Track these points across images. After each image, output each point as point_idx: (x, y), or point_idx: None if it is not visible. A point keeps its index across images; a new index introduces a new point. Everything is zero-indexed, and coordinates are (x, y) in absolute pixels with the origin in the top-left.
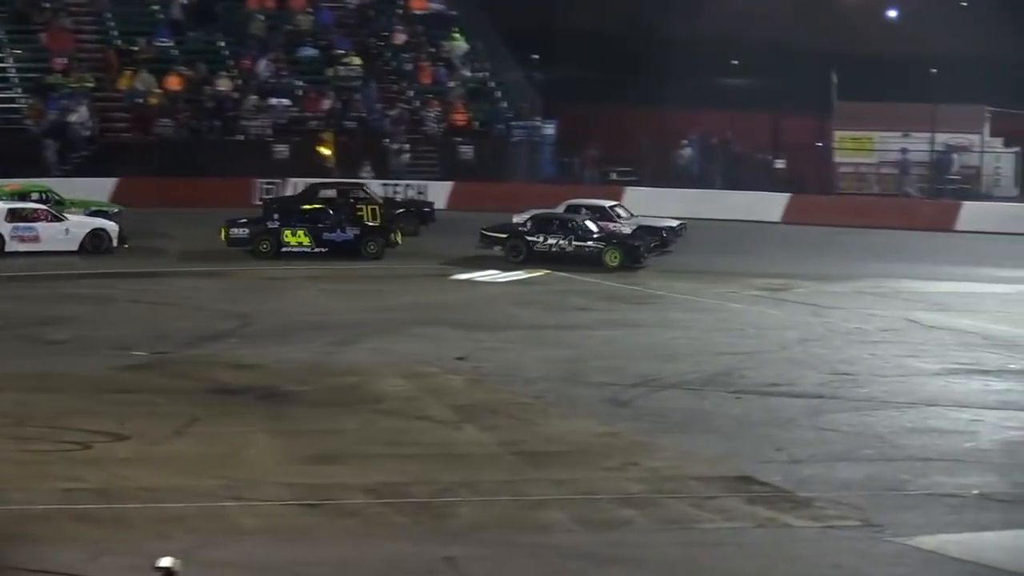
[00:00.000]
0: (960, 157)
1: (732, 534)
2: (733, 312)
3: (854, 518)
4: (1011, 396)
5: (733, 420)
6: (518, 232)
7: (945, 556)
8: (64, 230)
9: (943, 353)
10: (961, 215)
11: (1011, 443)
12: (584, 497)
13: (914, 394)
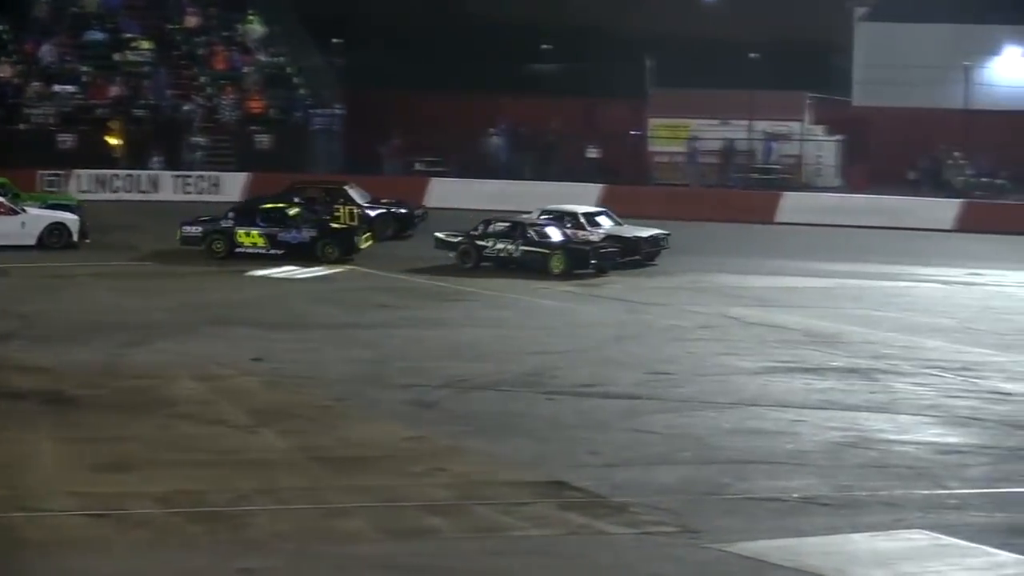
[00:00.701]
0: (780, 146)
1: (544, 542)
2: (544, 309)
3: (671, 524)
4: (833, 395)
5: (545, 422)
6: (469, 237)
7: (766, 562)
8: (20, 224)
9: (763, 351)
10: (782, 206)
11: (833, 444)
12: (388, 505)
13: (733, 394)
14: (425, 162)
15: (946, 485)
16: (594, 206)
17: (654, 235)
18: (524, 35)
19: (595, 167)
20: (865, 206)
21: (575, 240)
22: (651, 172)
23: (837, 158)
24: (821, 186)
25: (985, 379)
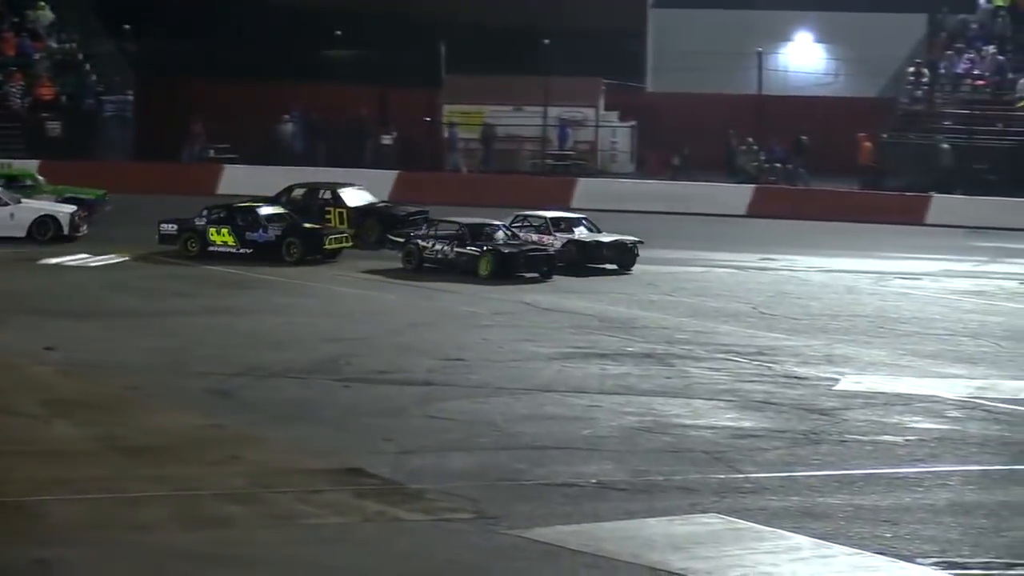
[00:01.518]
0: (575, 132)
1: (340, 529)
2: (341, 297)
3: (468, 510)
4: (628, 380)
5: (341, 410)
6: (413, 238)
7: (562, 548)
8: (9, 215)
9: (559, 337)
10: (577, 192)
11: (629, 429)
12: (185, 493)
13: (529, 380)
14: (218, 149)
15: (741, 469)
16: (568, 212)
17: (619, 241)
18: (318, 22)
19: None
20: (659, 192)
21: (506, 244)
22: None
23: (631, 144)
24: (615, 172)
25: (779, 363)
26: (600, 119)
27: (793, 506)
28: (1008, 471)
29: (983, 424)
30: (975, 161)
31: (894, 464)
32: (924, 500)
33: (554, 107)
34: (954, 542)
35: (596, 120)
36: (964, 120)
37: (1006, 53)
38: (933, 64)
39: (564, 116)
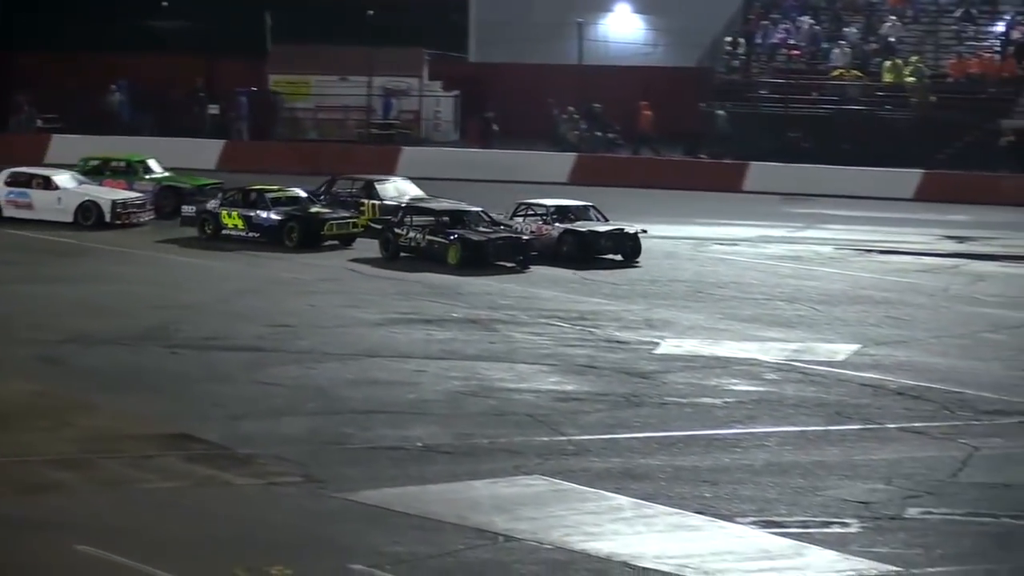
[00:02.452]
0: (399, 102)
1: (171, 494)
2: (169, 264)
3: (296, 474)
4: (454, 345)
5: (169, 376)
6: (389, 225)
7: (390, 510)
8: (57, 199)
9: (384, 303)
10: (401, 160)
11: (454, 393)
12: (15, 460)
13: (356, 345)
14: (46, 119)
15: (564, 432)
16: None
17: (618, 230)
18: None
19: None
20: (482, 160)
21: (476, 232)
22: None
23: (454, 113)
24: (439, 140)
25: (600, 328)
26: (423, 89)
27: (615, 467)
28: (823, 431)
29: (799, 386)
30: (791, 129)
31: (713, 426)
32: (742, 460)
33: (379, 77)
34: (772, 501)
35: (420, 90)
36: (779, 89)
37: (821, 23)
38: (749, 35)
39: (388, 86)
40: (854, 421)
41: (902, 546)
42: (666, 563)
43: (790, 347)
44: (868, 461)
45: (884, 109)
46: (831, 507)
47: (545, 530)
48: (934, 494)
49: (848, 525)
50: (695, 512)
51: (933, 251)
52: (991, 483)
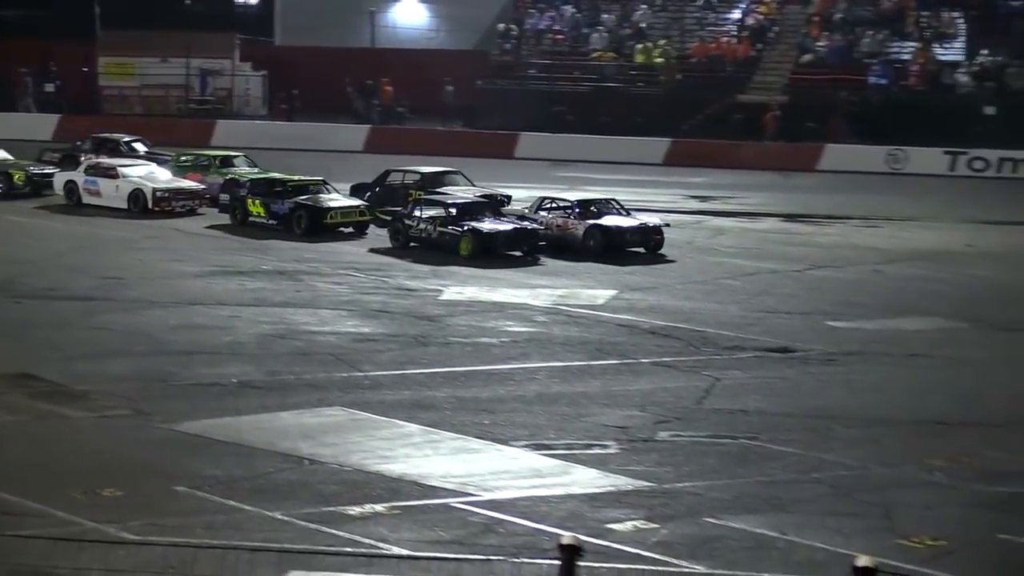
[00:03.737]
0: (214, 80)
1: (14, 427)
2: (10, 224)
3: (125, 408)
4: (263, 294)
5: (13, 323)
6: (400, 215)
7: (208, 439)
8: (115, 187)
9: (204, 257)
10: (216, 132)
11: (264, 336)
12: None
13: (178, 295)
14: None
15: (361, 368)
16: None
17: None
18: None
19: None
20: (287, 132)
21: (487, 224)
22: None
23: (263, 91)
24: (249, 114)
25: (392, 278)
26: (235, 69)
27: (406, 399)
28: (586, 366)
29: (565, 327)
30: (556, 104)
31: (491, 362)
32: (516, 392)
33: (195, 59)
34: (542, 427)
35: (232, 70)
36: (546, 69)
37: (581, 11)
38: (520, 21)
39: (204, 67)
40: (612, 357)
41: (654, 464)
42: (450, 481)
43: (557, 293)
44: (624, 391)
45: (636, 86)
46: (593, 431)
47: (345, 454)
48: (682, 419)
49: (608, 447)
50: (476, 437)
51: (679, 208)
52: (730, 409)
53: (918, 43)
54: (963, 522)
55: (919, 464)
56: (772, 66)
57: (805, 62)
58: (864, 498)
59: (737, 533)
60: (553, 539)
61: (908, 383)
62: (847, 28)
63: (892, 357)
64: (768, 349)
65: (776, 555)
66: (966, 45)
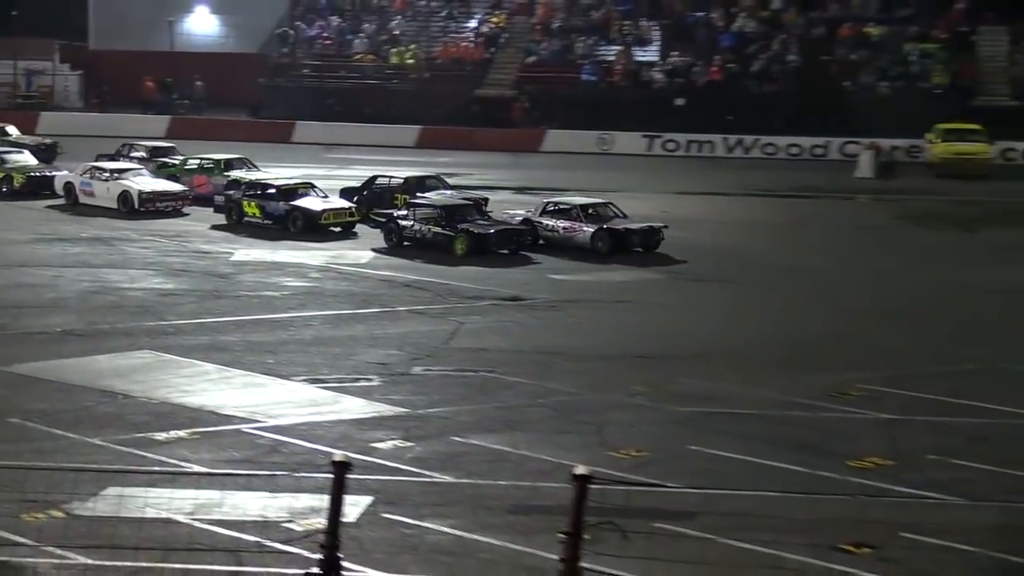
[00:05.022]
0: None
1: None
2: None
3: None
4: (83, 257)
5: None
6: (393, 218)
7: (37, 378)
8: (107, 189)
9: (31, 227)
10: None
11: (84, 292)
12: None
13: (8, 258)
14: None
15: (165, 318)
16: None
17: (648, 227)
18: None
19: None
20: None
21: (478, 225)
22: None
23: (79, 87)
24: (68, 107)
25: (191, 243)
26: (56, 69)
27: (203, 343)
28: (353, 314)
29: (335, 282)
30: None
31: (274, 311)
32: (295, 336)
33: (22, 60)
34: (317, 365)
35: (53, 70)
36: (317, 69)
37: (346, 21)
38: (295, 28)
39: (30, 67)
40: (375, 306)
41: (410, 394)
42: (242, 411)
43: (328, 254)
44: (385, 334)
45: (392, 82)
46: (359, 368)
47: (152, 390)
48: (432, 356)
49: (372, 380)
50: (262, 374)
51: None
52: (472, 347)
53: (621, 47)
54: (660, 437)
55: (625, 390)
56: (503, 66)
57: (530, 62)
58: (581, 419)
59: (478, 449)
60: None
61: (616, 324)
62: (564, 34)
63: (603, 303)
64: (502, 298)
65: (510, 466)
66: (660, 48)
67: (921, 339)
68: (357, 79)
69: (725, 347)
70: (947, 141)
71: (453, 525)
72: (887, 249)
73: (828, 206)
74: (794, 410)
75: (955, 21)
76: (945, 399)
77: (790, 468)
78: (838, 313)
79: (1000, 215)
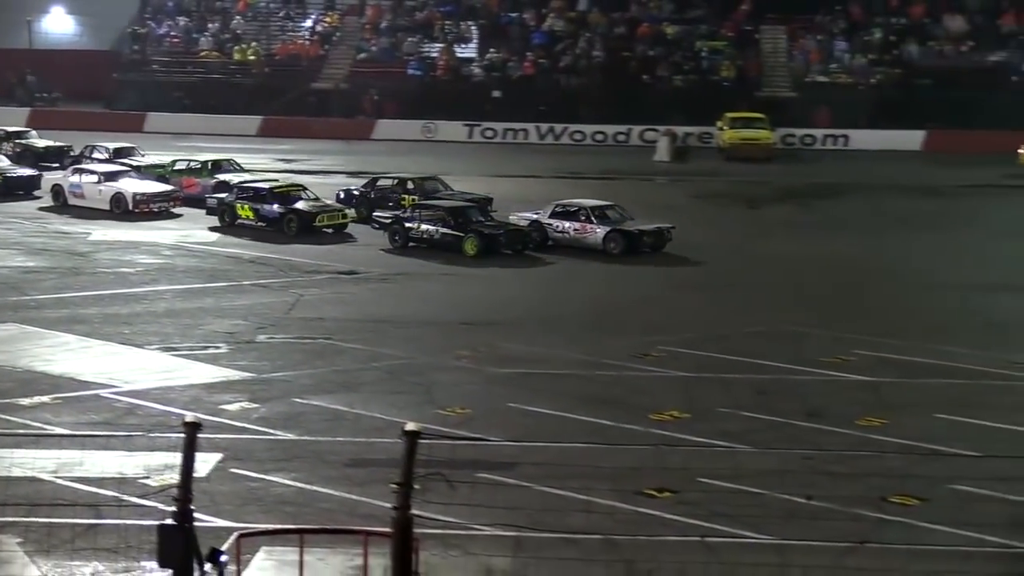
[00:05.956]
0: None
1: None
2: None
3: None
4: None
5: None
6: (399, 218)
7: None
8: (98, 191)
9: None
10: None
11: None
12: None
13: None
14: None
15: (28, 293)
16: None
17: (657, 228)
18: None
19: None
20: None
21: (486, 226)
22: None
23: None
24: None
25: (51, 224)
26: None
27: (64, 316)
28: (202, 288)
29: (186, 259)
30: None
31: (129, 286)
32: (149, 308)
33: None
34: (169, 334)
35: None
36: (166, 64)
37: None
38: (146, 27)
39: None
40: (222, 280)
41: (255, 360)
42: (100, 377)
43: (179, 233)
44: (232, 306)
45: (235, 77)
46: (208, 337)
47: (16, 359)
48: (275, 326)
49: (220, 348)
50: (119, 343)
51: (271, 168)
52: (311, 317)
53: (443, 44)
54: (482, 395)
55: (451, 354)
56: (336, 61)
57: (361, 59)
58: (411, 380)
59: (318, 409)
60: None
61: (442, 295)
62: (391, 33)
63: (429, 276)
64: (339, 272)
65: (347, 424)
66: (478, 46)
67: (715, 305)
68: (203, 74)
69: (540, 314)
70: (734, 128)
71: (295, 478)
72: (683, 225)
73: (630, 187)
74: (601, 370)
75: (740, 21)
76: (735, 358)
77: (598, 422)
78: (640, 283)
79: (782, 194)
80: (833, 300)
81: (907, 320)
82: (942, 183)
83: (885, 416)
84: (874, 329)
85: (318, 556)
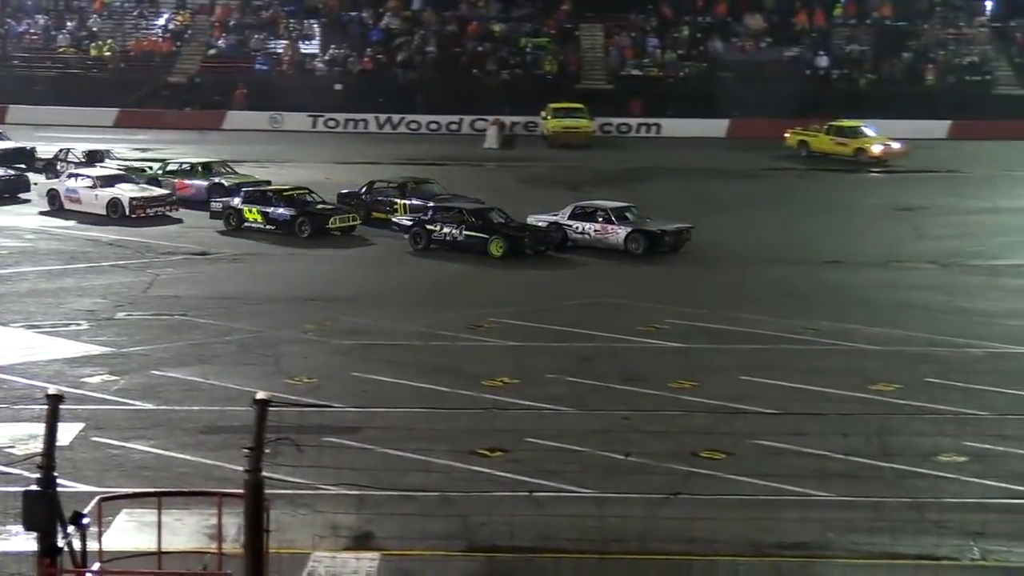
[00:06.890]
0: None
1: None
2: None
3: None
4: None
5: None
6: (420, 221)
7: None
8: (94, 196)
9: None
10: None
11: None
12: None
13: None
14: None
15: None
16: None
17: (678, 228)
18: None
19: None
20: None
21: (511, 226)
22: None
23: None
24: None
25: None
26: None
27: None
28: (63, 269)
29: (48, 242)
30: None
31: None
32: (13, 289)
33: None
34: (33, 313)
35: None
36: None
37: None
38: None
39: None
40: (82, 262)
41: (114, 335)
42: None
43: (41, 220)
44: (92, 285)
45: (93, 72)
46: (70, 315)
47: None
48: (133, 303)
49: (81, 324)
50: None
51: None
52: (167, 295)
53: (288, 41)
54: (327, 365)
55: (298, 328)
56: (188, 57)
57: (211, 55)
58: (261, 352)
59: (175, 380)
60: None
61: (290, 274)
62: (239, 31)
63: (278, 256)
64: (193, 253)
65: (203, 394)
66: (320, 42)
67: (542, 280)
68: (62, 69)
69: (379, 290)
70: (557, 118)
71: (154, 445)
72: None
73: (462, 172)
74: (437, 340)
75: (561, 19)
76: (561, 328)
77: (434, 388)
78: (468, 260)
79: (601, 178)
80: (649, 275)
81: (716, 292)
82: (744, 167)
83: (695, 379)
84: (686, 300)
85: (175, 517)
